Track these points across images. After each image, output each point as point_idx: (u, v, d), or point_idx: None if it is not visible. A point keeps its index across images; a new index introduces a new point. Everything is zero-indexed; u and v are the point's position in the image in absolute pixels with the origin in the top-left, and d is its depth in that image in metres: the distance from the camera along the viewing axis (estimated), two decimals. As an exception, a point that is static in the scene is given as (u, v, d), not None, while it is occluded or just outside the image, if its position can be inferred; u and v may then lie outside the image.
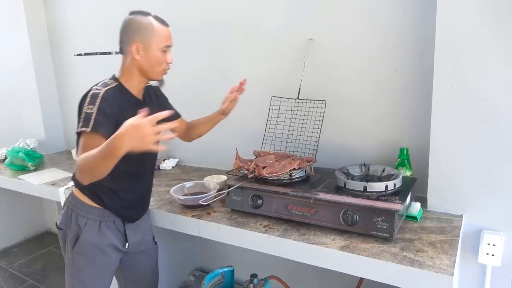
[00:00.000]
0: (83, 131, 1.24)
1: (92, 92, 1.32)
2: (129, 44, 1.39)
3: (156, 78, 1.47)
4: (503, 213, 1.41)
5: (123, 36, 1.41)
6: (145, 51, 1.39)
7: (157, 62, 1.41)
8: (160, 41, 1.40)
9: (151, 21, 1.40)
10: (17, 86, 3.04)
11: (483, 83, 1.35)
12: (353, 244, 1.29)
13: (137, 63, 1.40)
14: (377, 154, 1.76)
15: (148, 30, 1.38)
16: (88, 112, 1.27)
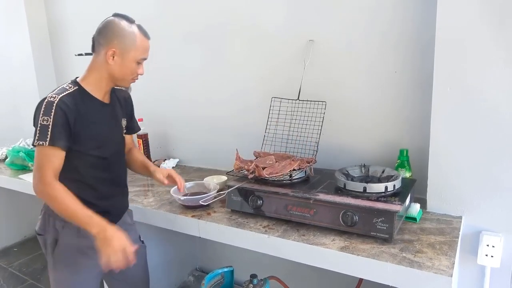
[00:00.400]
0: (40, 144, 1.24)
1: (46, 101, 1.28)
2: (105, 47, 1.35)
3: (124, 86, 1.46)
4: (502, 215, 1.41)
5: (101, 36, 1.36)
6: (121, 58, 1.35)
7: (129, 72, 1.39)
8: (138, 52, 1.37)
9: (134, 30, 1.36)
10: (18, 86, 3.04)
11: (483, 85, 1.35)
12: (353, 244, 1.30)
13: (108, 67, 1.36)
14: (377, 155, 1.76)
15: (130, 39, 1.34)
16: (43, 124, 1.25)
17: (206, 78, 2.22)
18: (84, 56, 2.76)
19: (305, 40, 1.83)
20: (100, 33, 1.37)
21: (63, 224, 1.42)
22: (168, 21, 2.28)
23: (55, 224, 1.44)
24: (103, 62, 1.36)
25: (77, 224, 1.30)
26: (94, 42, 1.39)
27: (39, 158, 1.27)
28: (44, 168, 1.26)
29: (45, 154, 1.26)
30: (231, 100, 2.14)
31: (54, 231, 1.44)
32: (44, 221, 1.47)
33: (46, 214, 1.47)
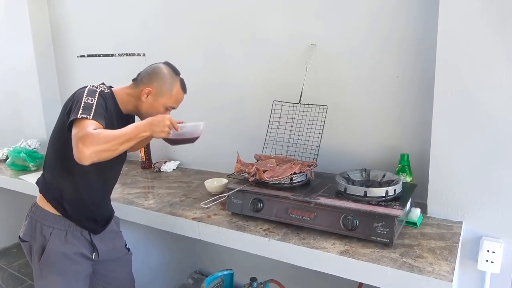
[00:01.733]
0: (84, 117, 1.23)
1: (89, 88, 1.34)
2: (145, 84, 1.44)
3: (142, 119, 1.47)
4: (502, 220, 1.41)
5: (146, 74, 1.46)
6: (154, 98, 1.44)
7: (155, 112, 1.44)
8: (171, 101, 1.47)
9: (175, 80, 1.47)
10: (20, 86, 3.05)
11: (484, 91, 1.35)
12: (353, 249, 1.30)
13: (139, 102, 1.45)
14: (378, 159, 1.76)
15: (169, 86, 1.45)
16: (87, 103, 1.28)
17: (208, 81, 2.22)
18: (87, 58, 2.78)
19: (307, 44, 1.84)
20: (146, 72, 1.47)
21: (51, 230, 1.42)
22: (170, 23, 2.28)
23: (42, 230, 1.43)
24: (137, 95, 1.45)
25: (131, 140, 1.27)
26: (139, 76, 1.49)
27: (81, 126, 1.21)
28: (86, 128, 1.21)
29: (88, 123, 1.23)
30: (233, 103, 2.15)
31: (41, 237, 1.43)
32: (31, 227, 1.46)
33: (32, 219, 1.46)
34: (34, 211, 1.48)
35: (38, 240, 1.43)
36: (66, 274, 1.45)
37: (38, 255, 1.44)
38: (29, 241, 1.46)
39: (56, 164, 1.44)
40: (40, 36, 2.88)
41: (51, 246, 1.42)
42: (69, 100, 1.35)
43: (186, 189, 2.00)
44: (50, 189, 1.46)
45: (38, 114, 2.96)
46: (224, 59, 2.14)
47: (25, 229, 1.48)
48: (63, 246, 1.43)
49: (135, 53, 2.45)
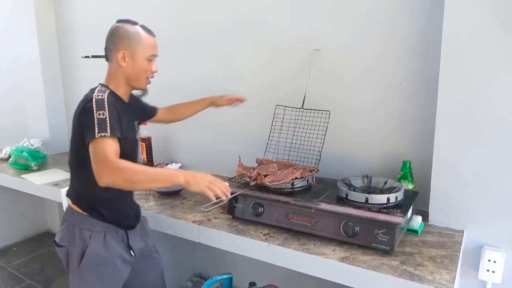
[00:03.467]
0: (102, 136, 1.23)
1: (96, 99, 1.31)
2: (115, 51, 1.40)
3: (141, 87, 1.48)
4: (504, 230, 1.40)
5: (109, 43, 1.42)
6: (131, 58, 1.40)
7: (142, 70, 1.42)
8: (146, 50, 1.41)
9: (138, 30, 1.41)
10: (24, 86, 3.06)
11: (488, 99, 1.35)
12: (353, 255, 1.29)
13: (122, 70, 1.41)
14: (380, 166, 1.76)
15: (135, 39, 1.39)
16: (101, 118, 1.26)
17: (211, 84, 2.22)
18: (91, 58, 2.79)
19: (311, 49, 1.84)
20: (108, 40, 1.42)
21: (90, 233, 1.41)
22: (175, 26, 2.29)
23: (81, 233, 1.41)
24: (116, 66, 1.41)
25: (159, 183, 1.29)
26: (105, 51, 1.45)
27: (102, 148, 1.23)
28: (107, 152, 1.22)
29: (107, 144, 1.24)
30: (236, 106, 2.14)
31: (81, 241, 1.41)
32: (69, 232, 1.43)
33: (70, 224, 1.44)
34: (70, 215, 1.46)
35: (77, 245, 1.41)
36: (105, 278, 1.43)
37: (77, 260, 1.41)
38: (67, 246, 1.43)
39: (80, 174, 1.42)
40: (45, 36, 2.90)
41: (91, 250, 1.40)
42: (80, 113, 1.33)
43: (187, 191, 2.00)
44: (81, 199, 1.45)
45: (42, 114, 2.97)
46: (227, 63, 2.14)
47: (62, 234, 1.45)
48: (102, 250, 1.41)
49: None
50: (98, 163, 1.22)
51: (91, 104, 1.29)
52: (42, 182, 2.24)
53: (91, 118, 1.26)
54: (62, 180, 2.24)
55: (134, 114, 1.53)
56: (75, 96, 2.97)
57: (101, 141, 1.23)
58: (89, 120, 1.26)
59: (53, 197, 2.19)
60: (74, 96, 2.99)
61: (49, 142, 2.95)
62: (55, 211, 3.30)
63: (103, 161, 1.21)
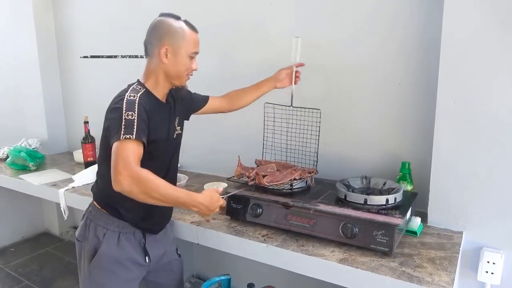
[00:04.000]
0: (127, 138, 1.20)
1: (127, 99, 1.27)
2: (157, 47, 1.34)
3: (180, 84, 1.43)
4: (503, 232, 1.40)
5: (151, 37, 1.37)
6: (174, 55, 1.35)
7: (184, 67, 1.38)
8: (189, 46, 1.36)
9: (182, 25, 1.36)
10: (22, 86, 3.05)
11: (487, 100, 1.35)
12: (352, 257, 1.29)
13: (163, 66, 1.36)
14: (379, 167, 1.75)
15: (179, 34, 1.34)
16: (129, 119, 1.23)
17: (210, 83, 2.22)
18: (90, 59, 2.79)
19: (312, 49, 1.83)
20: (150, 34, 1.37)
21: (105, 231, 1.38)
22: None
23: (96, 230, 1.39)
24: (157, 62, 1.36)
25: (172, 203, 1.30)
26: (146, 46, 1.39)
27: (125, 151, 1.20)
28: (129, 157, 1.20)
29: (131, 147, 1.21)
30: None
31: (95, 239, 1.39)
32: (85, 227, 1.42)
33: (88, 219, 1.43)
34: (90, 210, 1.45)
35: (90, 241, 1.39)
36: (115, 280, 1.39)
37: (89, 257, 1.39)
38: (82, 241, 1.42)
39: (103, 171, 1.37)
40: (44, 36, 2.89)
41: (104, 249, 1.37)
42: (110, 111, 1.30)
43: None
44: (102, 195, 1.42)
45: (40, 114, 2.96)
46: (227, 62, 2.14)
47: (80, 229, 1.45)
48: (116, 250, 1.38)
49: (138, 55, 2.45)
50: (118, 167, 1.18)
51: (122, 104, 1.26)
52: (40, 182, 2.23)
53: (119, 117, 1.23)
54: (60, 181, 2.24)
55: (174, 112, 1.48)
56: (74, 96, 2.97)
57: (125, 144, 1.21)
58: (117, 120, 1.23)
59: (51, 198, 2.18)
60: (72, 96, 2.98)
61: (47, 143, 2.94)
62: (53, 211, 3.29)
63: (124, 166, 1.18)
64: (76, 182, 2.14)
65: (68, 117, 3.06)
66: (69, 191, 2.05)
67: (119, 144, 1.21)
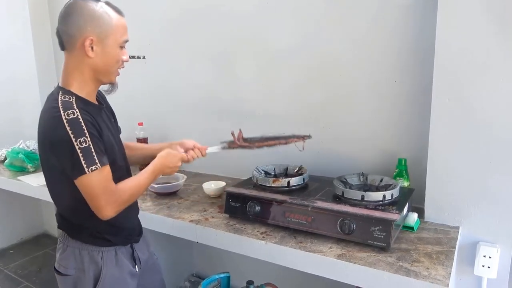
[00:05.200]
0: (94, 169, 1.07)
1: (68, 121, 1.06)
2: (78, 38, 1.11)
3: (111, 80, 1.23)
4: (499, 226, 1.42)
5: (68, 26, 1.12)
6: (101, 46, 1.13)
7: (114, 60, 1.18)
8: (118, 34, 1.15)
9: (105, 9, 1.13)
10: (20, 88, 3.05)
11: (481, 97, 1.36)
12: (350, 253, 1.30)
13: (89, 62, 1.14)
14: (376, 164, 1.77)
15: (105, 21, 1.12)
16: (84, 147, 1.06)
17: (209, 87, 2.22)
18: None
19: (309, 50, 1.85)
20: (66, 22, 1.13)
21: (101, 254, 1.25)
22: (172, 25, 2.29)
23: (92, 256, 1.24)
24: (80, 57, 1.14)
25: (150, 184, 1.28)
26: (61, 37, 1.15)
27: (96, 184, 1.08)
28: (105, 187, 1.10)
29: (100, 176, 1.09)
30: (232, 108, 2.14)
31: (93, 265, 1.24)
32: (74, 258, 1.24)
33: (75, 249, 1.24)
34: (70, 239, 1.25)
35: (88, 270, 1.24)
36: None
37: (91, 286, 1.25)
38: (73, 274, 1.25)
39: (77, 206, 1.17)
40: (41, 36, 2.89)
41: (105, 272, 1.24)
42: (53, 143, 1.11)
43: (183, 191, 2.00)
44: (81, 231, 1.25)
45: (37, 116, 2.92)
46: (224, 64, 2.14)
47: (67, 262, 1.25)
48: (115, 269, 1.27)
49: (135, 56, 2.46)
50: (96, 200, 1.09)
51: (65, 131, 1.05)
52: (38, 183, 2.23)
53: (72, 150, 1.05)
54: (59, 182, 2.24)
55: (108, 113, 1.32)
56: (71, 97, 2.96)
57: (93, 176, 1.07)
58: (70, 153, 1.05)
59: (49, 199, 2.17)
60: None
61: (45, 144, 2.94)
62: (52, 212, 3.27)
63: (102, 197, 1.09)
64: (75, 182, 2.14)
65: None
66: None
67: (86, 179, 1.07)
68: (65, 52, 1.18)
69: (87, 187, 1.09)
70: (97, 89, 1.25)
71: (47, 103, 1.18)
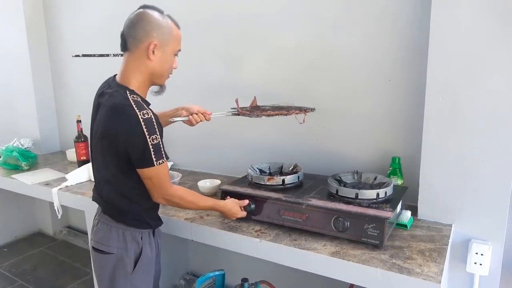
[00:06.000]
0: (161, 163, 1.26)
1: (144, 120, 1.20)
2: (144, 41, 1.24)
3: (161, 83, 1.37)
4: (491, 224, 1.43)
5: (136, 30, 1.25)
6: (161, 52, 1.27)
7: (169, 66, 1.33)
8: (175, 43, 1.31)
9: (168, 21, 1.29)
10: (13, 86, 3.04)
11: (474, 96, 1.37)
12: (344, 250, 1.31)
13: (149, 64, 1.27)
14: (370, 162, 1.78)
15: (167, 30, 1.27)
16: (155, 144, 1.22)
17: (202, 84, 2.23)
18: (82, 58, 2.78)
19: (304, 47, 1.85)
20: (134, 27, 1.25)
21: (141, 234, 1.37)
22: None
23: (134, 236, 1.36)
24: (142, 59, 1.27)
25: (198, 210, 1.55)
26: (126, 39, 1.27)
27: (161, 176, 1.28)
28: (167, 182, 1.32)
29: (165, 170, 1.29)
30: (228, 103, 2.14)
31: (135, 244, 1.36)
32: (118, 236, 1.34)
33: (119, 229, 1.35)
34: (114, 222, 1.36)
35: (130, 249, 1.34)
36: (150, 280, 1.42)
37: (131, 264, 1.35)
38: (116, 253, 1.34)
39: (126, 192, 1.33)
40: (35, 35, 2.88)
41: (144, 251, 1.37)
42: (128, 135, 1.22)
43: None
44: (127, 215, 1.35)
45: (32, 113, 2.95)
46: (217, 59, 2.14)
47: (110, 241, 1.34)
48: (149, 249, 1.39)
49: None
50: (157, 189, 1.30)
51: (142, 129, 1.20)
52: (33, 182, 2.23)
53: (144, 143, 1.21)
54: (53, 180, 2.23)
55: None
56: (66, 95, 2.96)
57: (160, 169, 1.26)
58: (142, 146, 1.21)
59: (44, 197, 2.18)
60: (64, 95, 2.97)
61: (39, 142, 2.93)
62: (47, 211, 3.28)
63: (162, 189, 1.30)
64: (70, 181, 2.14)
65: (60, 116, 3.05)
66: (63, 190, 2.05)
67: (154, 170, 1.25)
68: (127, 53, 1.29)
69: (151, 176, 1.27)
70: (147, 90, 1.38)
71: (112, 98, 1.26)
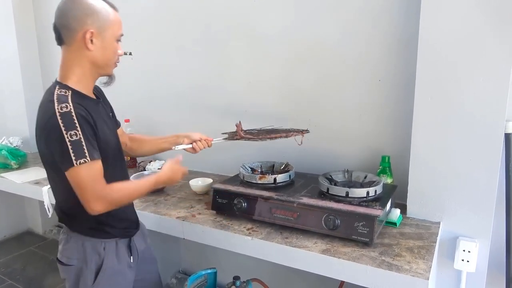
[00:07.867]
0: (82, 163, 1.08)
1: (61, 114, 1.08)
2: (78, 31, 1.13)
3: (109, 73, 1.26)
4: (478, 221, 1.46)
5: (68, 19, 1.13)
6: (101, 39, 1.16)
7: (112, 53, 1.21)
8: (115, 28, 1.20)
9: (103, 4, 1.17)
10: (2, 84, 3.00)
11: (462, 95, 1.39)
12: (334, 248, 1.33)
13: (89, 55, 1.16)
14: (360, 161, 1.80)
15: (103, 15, 1.16)
16: (74, 140, 1.07)
17: (195, 83, 2.22)
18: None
19: (295, 46, 1.86)
20: (65, 16, 1.14)
21: (104, 244, 1.28)
22: (172, 24, 2.28)
23: (95, 247, 1.27)
24: (80, 50, 1.16)
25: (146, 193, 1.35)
26: (59, 31, 1.17)
27: (85, 178, 1.10)
28: (93, 183, 1.11)
29: (89, 171, 1.10)
30: (221, 104, 2.15)
31: (95, 255, 1.27)
32: (77, 249, 1.27)
33: (78, 240, 1.27)
34: (75, 227, 1.28)
35: (90, 260, 1.26)
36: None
37: (92, 277, 1.27)
38: (76, 264, 1.27)
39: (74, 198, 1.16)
40: (24, 33, 2.85)
41: (106, 262, 1.28)
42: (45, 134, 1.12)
43: (170, 188, 2.00)
44: (81, 223, 1.27)
45: (21, 112, 2.91)
46: (211, 58, 2.14)
47: (69, 252, 1.27)
48: (116, 260, 1.30)
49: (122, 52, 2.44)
50: (84, 194, 1.11)
51: (57, 123, 1.07)
52: (22, 180, 2.21)
53: (62, 141, 1.07)
54: (43, 178, 2.21)
55: (104, 107, 1.33)
56: (56, 93, 2.92)
57: (82, 169, 1.09)
58: (60, 145, 1.07)
59: (34, 196, 2.16)
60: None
61: (29, 140, 2.90)
62: (36, 210, 3.25)
63: (90, 191, 1.11)
64: (60, 179, 2.12)
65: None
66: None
67: (75, 171, 1.09)
68: (63, 47, 1.19)
69: (74, 179, 1.11)
70: (94, 82, 1.27)
71: (43, 97, 1.19)
